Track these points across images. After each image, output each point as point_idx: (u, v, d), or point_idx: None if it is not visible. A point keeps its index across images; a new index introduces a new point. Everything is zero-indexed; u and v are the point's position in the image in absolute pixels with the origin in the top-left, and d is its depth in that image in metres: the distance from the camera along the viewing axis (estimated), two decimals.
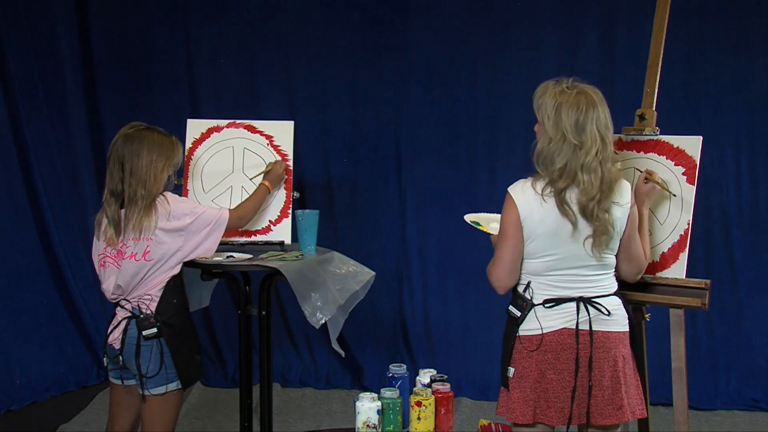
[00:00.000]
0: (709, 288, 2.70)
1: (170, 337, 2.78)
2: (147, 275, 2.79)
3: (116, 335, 2.80)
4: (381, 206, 4.89)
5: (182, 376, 2.80)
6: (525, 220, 2.39)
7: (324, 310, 3.07)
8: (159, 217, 2.76)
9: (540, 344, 2.43)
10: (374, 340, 4.88)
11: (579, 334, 2.41)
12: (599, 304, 2.44)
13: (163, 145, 2.82)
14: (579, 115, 2.35)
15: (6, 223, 4.63)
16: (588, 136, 2.35)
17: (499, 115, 4.70)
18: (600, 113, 2.37)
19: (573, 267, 2.43)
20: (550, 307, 2.44)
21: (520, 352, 2.46)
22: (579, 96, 2.37)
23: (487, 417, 3.56)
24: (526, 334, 2.45)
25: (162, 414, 2.81)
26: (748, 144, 4.53)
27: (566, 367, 2.42)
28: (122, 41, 5.01)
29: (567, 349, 2.42)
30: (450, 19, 4.76)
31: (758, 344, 4.54)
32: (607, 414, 2.43)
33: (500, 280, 2.48)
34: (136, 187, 2.76)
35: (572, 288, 2.44)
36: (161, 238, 2.78)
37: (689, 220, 2.76)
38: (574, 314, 2.42)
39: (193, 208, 2.86)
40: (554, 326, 2.43)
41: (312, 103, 4.90)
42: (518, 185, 2.44)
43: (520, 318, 2.45)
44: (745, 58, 4.50)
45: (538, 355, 2.43)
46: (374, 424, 2.67)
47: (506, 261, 2.45)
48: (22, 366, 4.59)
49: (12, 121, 4.65)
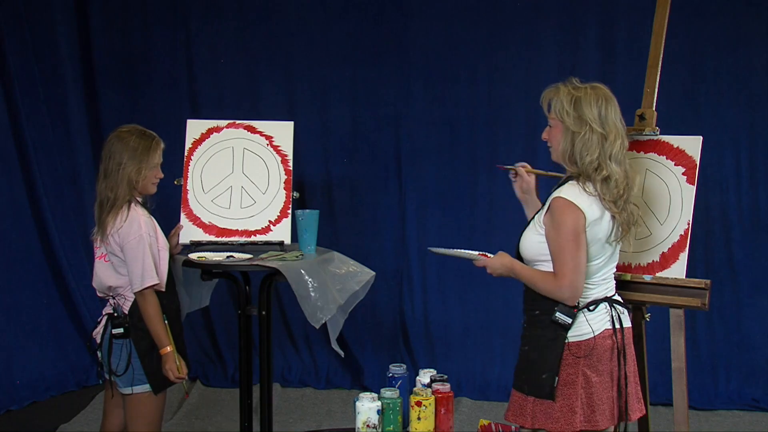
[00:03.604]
0: (709, 288, 2.70)
1: (139, 339, 2.79)
2: (113, 277, 2.81)
3: (98, 330, 2.86)
4: (381, 206, 4.89)
5: (152, 380, 2.80)
6: (591, 224, 2.36)
7: (324, 310, 3.07)
8: (114, 225, 2.77)
9: (591, 349, 2.39)
10: (374, 340, 4.88)
11: (616, 332, 2.42)
12: (620, 302, 2.48)
13: (137, 149, 2.80)
14: (600, 107, 2.36)
15: (6, 223, 4.63)
16: (611, 126, 2.36)
17: (499, 115, 4.70)
18: (616, 107, 2.40)
19: (607, 267, 2.46)
20: (593, 310, 2.43)
21: (567, 359, 2.40)
22: (595, 90, 2.40)
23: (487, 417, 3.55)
24: (576, 340, 2.40)
25: (136, 415, 2.83)
26: (748, 144, 4.52)
27: (606, 369, 2.42)
28: (122, 41, 5.01)
29: (608, 350, 2.42)
30: (450, 19, 4.76)
31: (758, 344, 4.54)
32: (636, 408, 2.48)
33: (578, 288, 2.36)
34: (106, 189, 2.79)
35: (603, 289, 2.46)
36: (112, 246, 2.79)
37: (689, 220, 2.76)
38: (609, 315, 2.44)
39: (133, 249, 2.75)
40: (600, 329, 2.42)
41: (312, 103, 4.90)
42: (572, 190, 2.38)
43: (570, 324, 2.39)
44: (745, 58, 4.50)
45: (585, 360, 2.39)
46: (374, 424, 2.67)
47: (580, 267, 2.35)
48: (22, 366, 4.59)
49: (12, 121, 4.65)
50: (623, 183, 2.36)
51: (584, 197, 2.36)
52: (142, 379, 2.79)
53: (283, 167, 3.47)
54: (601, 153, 2.34)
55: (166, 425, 3.05)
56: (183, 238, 3.31)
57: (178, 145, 3.44)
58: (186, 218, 3.39)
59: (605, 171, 2.34)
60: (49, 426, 4.16)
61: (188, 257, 3.16)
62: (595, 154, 2.34)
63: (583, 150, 2.35)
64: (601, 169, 2.34)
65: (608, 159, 2.34)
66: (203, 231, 3.39)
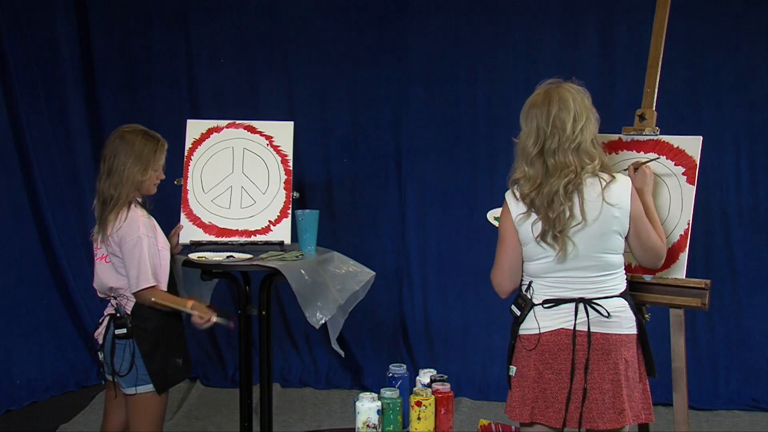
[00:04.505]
0: (709, 288, 2.70)
1: (142, 339, 2.79)
2: (114, 277, 2.81)
3: (99, 330, 2.86)
4: (381, 206, 4.89)
5: (155, 380, 2.80)
6: (517, 223, 2.44)
7: (324, 310, 3.07)
8: (114, 226, 2.77)
9: (537, 344, 2.44)
10: (374, 340, 4.88)
11: (576, 336, 2.41)
12: (598, 305, 2.43)
13: (143, 151, 2.81)
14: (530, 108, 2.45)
15: (6, 223, 4.63)
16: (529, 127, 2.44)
17: (499, 115, 4.69)
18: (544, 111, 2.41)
19: (569, 269, 2.43)
20: (549, 308, 2.44)
21: (520, 351, 2.48)
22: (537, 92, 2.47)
23: (487, 417, 3.56)
24: (526, 333, 2.47)
25: (139, 415, 2.83)
26: (748, 144, 4.52)
27: (564, 368, 2.42)
28: (122, 41, 5.01)
29: (564, 349, 2.42)
30: (450, 19, 4.76)
31: (758, 344, 4.54)
32: (608, 418, 2.40)
33: (500, 285, 2.53)
34: (109, 188, 2.79)
35: (573, 289, 2.44)
36: (113, 246, 2.79)
37: (689, 220, 2.76)
38: (572, 315, 2.42)
39: (130, 251, 2.75)
40: (551, 326, 2.43)
41: (312, 103, 4.90)
42: (509, 190, 2.50)
43: (521, 317, 2.48)
44: (745, 58, 4.50)
45: (536, 354, 2.44)
46: (374, 424, 2.67)
47: (504, 266, 2.50)
48: (22, 366, 4.59)
49: (12, 121, 4.65)
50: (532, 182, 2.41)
51: (512, 197, 2.48)
52: (145, 379, 2.79)
53: (283, 167, 3.47)
54: (520, 155, 2.45)
55: (166, 425, 3.04)
56: (183, 238, 3.32)
57: (178, 145, 3.44)
58: (186, 218, 3.40)
59: (517, 173, 2.46)
60: (49, 426, 4.16)
61: (188, 257, 3.16)
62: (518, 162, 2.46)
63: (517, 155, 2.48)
64: (515, 171, 2.47)
65: (523, 162, 2.44)
66: (203, 231, 3.39)
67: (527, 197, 2.42)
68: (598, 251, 2.42)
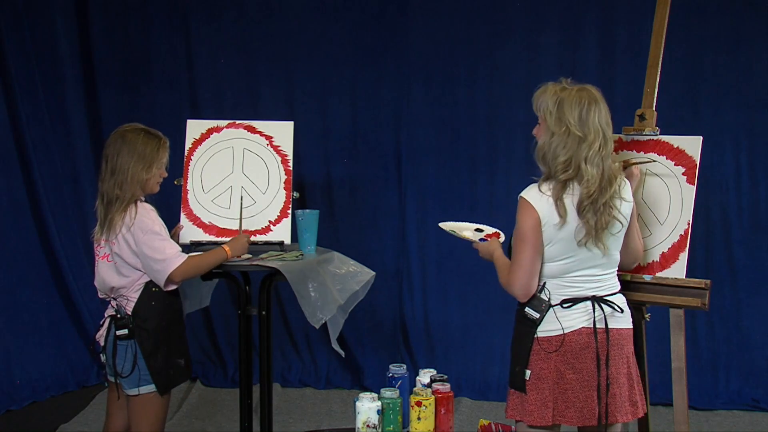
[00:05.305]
0: (709, 288, 2.70)
1: (144, 339, 2.78)
2: (115, 277, 2.81)
3: (101, 332, 2.85)
4: (381, 206, 4.89)
5: (157, 380, 2.80)
6: (545, 224, 2.39)
7: (324, 310, 3.07)
8: (124, 223, 2.76)
9: (561, 345, 2.42)
10: (374, 340, 4.88)
11: (597, 332, 2.42)
12: (612, 302, 2.46)
13: (146, 149, 2.80)
14: (582, 109, 2.37)
15: (6, 223, 4.63)
16: (591, 129, 2.36)
17: (499, 115, 4.70)
18: (602, 109, 2.40)
19: (587, 267, 2.44)
20: (568, 307, 2.44)
21: (538, 353, 2.44)
22: (581, 92, 2.40)
23: (487, 417, 3.56)
24: (546, 335, 2.43)
25: (141, 415, 2.83)
26: (748, 144, 4.52)
27: (585, 366, 2.42)
28: (122, 41, 5.01)
29: (586, 348, 2.42)
30: (450, 19, 4.76)
31: (758, 344, 4.54)
32: (625, 411, 2.45)
33: (524, 286, 2.42)
34: (113, 187, 2.78)
35: (585, 288, 2.45)
36: (121, 244, 2.78)
37: (689, 220, 2.76)
38: (591, 313, 2.44)
39: (149, 241, 2.76)
40: (574, 326, 2.43)
41: (312, 103, 4.90)
42: (532, 189, 2.42)
43: (539, 319, 2.44)
44: (745, 58, 4.50)
45: (557, 356, 2.42)
46: (374, 424, 2.67)
47: (528, 267, 2.41)
48: (22, 366, 4.59)
49: (12, 121, 4.65)
50: (595, 185, 2.36)
51: (541, 197, 2.39)
52: (147, 380, 2.79)
53: (283, 167, 3.47)
54: (574, 155, 2.35)
55: (166, 425, 3.04)
56: (183, 238, 3.32)
57: (178, 145, 3.43)
58: (186, 218, 3.40)
59: (572, 172, 2.36)
60: (49, 426, 4.16)
61: None
62: (567, 156, 2.36)
63: (557, 150, 2.37)
64: (568, 171, 2.36)
65: (583, 161, 2.35)
66: (203, 231, 3.39)
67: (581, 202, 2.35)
68: (615, 249, 2.47)
